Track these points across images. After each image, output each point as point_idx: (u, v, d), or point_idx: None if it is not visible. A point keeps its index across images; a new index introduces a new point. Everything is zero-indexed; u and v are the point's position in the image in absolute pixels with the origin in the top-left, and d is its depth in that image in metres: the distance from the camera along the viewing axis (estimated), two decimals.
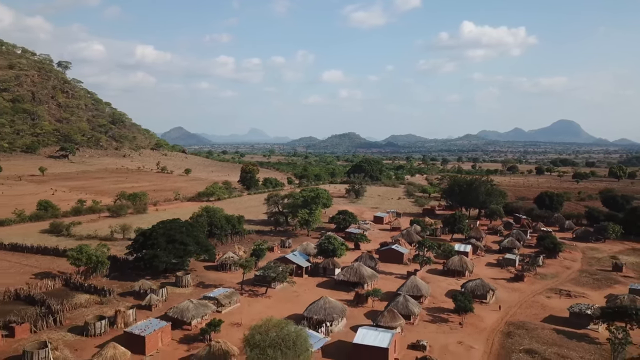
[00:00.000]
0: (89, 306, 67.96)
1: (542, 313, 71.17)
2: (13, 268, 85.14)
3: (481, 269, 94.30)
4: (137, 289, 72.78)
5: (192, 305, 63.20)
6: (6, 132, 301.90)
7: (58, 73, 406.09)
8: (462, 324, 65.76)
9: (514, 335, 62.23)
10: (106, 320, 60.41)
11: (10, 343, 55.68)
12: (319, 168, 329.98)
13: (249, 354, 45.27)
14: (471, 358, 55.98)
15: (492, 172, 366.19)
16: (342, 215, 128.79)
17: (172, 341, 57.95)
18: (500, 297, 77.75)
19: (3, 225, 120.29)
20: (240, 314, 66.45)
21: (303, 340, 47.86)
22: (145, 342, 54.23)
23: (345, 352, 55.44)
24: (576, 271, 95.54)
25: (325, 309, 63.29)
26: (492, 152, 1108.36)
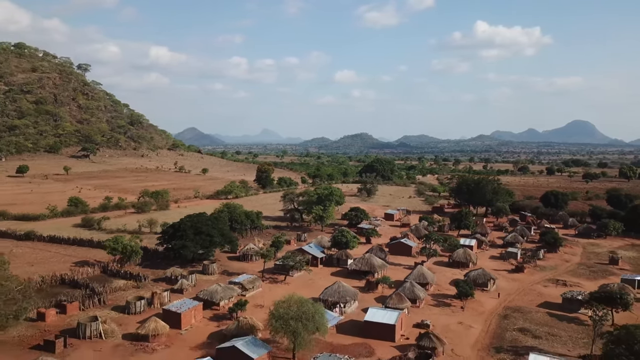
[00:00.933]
0: (126, 289, 75.78)
1: (538, 299, 77.55)
2: (54, 257, 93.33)
3: (485, 261, 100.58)
4: (168, 275, 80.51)
5: (220, 288, 70.70)
6: (30, 133, 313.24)
7: (78, 75, 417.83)
8: (463, 307, 72.42)
9: (510, 317, 68.80)
10: (145, 301, 68.14)
11: (64, 318, 63.58)
12: (332, 168, 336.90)
13: (274, 325, 52.49)
14: (470, 336, 62.67)
15: (502, 173, 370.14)
16: (354, 212, 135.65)
17: (204, 319, 65.51)
18: (500, 286, 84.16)
19: (38, 220, 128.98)
20: (262, 297, 73.75)
21: (320, 315, 55.05)
22: (181, 318, 61.78)
23: (357, 329, 62.46)
24: (575, 264, 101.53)
25: (339, 292, 70.41)
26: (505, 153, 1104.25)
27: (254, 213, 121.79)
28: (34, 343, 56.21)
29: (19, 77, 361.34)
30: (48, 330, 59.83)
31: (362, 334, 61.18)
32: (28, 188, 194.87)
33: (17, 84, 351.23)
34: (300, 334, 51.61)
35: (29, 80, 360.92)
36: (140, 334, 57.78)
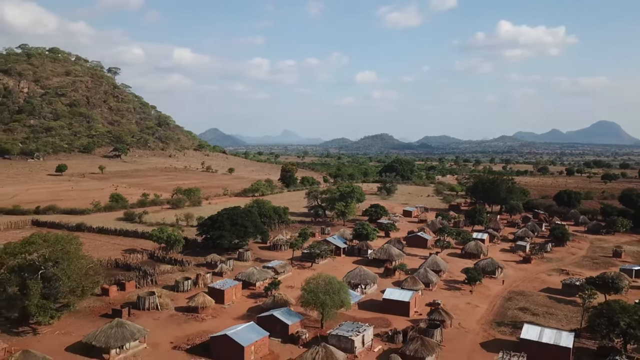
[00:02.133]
0: (173, 272, 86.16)
1: (541, 286, 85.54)
2: (104, 245, 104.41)
3: (495, 253, 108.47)
4: (208, 261, 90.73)
5: (256, 271, 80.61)
6: (65, 134, 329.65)
7: (108, 78, 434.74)
8: (472, 291, 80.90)
9: (513, 300, 77.11)
10: (191, 281, 78.33)
11: (123, 294, 74.11)
12: (352, 168, 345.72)
13: (306, 297, 61.89)
14: (476, 313, 71.27)
15: (522, 173, 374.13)
16: (374, 208, 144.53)
17: (242, 296, 75.40)
18: (508, 274, 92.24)
19: (84, 214, 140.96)
20: (292, 280, 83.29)
21: (345, 291, 64.31)
22: (224, 295, 71.71)
23: (376, 306, 71.61)
24: (580, 257, 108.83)
25: (361, 275, 79.64)
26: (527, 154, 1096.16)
27: (281, 208, 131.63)
28: (102, 312, 66.76)
29: (54, 81, 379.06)
30: (112, 303, 70.33)
31: (380, 310, 70.32)
32: (68, 185, 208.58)
33: (53, 87, 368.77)
34: (327, 305, 60.91)
35: (64, 83, 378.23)
36: (190, 306, 67.88)
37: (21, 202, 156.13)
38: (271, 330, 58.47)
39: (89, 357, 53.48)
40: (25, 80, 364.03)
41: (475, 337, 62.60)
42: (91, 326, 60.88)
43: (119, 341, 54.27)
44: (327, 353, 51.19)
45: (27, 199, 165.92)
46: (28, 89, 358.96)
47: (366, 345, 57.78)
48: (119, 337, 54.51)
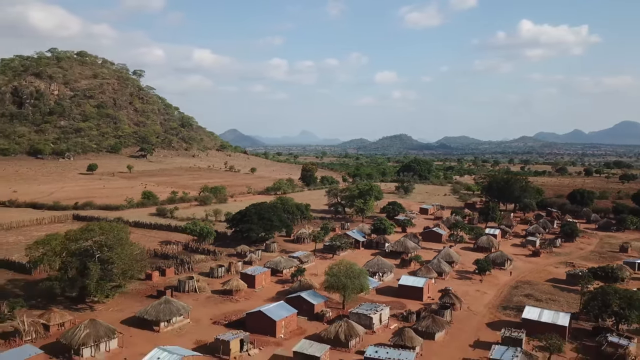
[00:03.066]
0: (206, 261, 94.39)
1: (547, 276, 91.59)
2: (142, 238, 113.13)
3: (507, 247, 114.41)
4: (238, 251, 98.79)
5: (283, 259, 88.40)
6: (93, 135, 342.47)
7: (134, 81, 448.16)
8: (481, 280, 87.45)
9: (520, 288, 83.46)
10: (224, 268, 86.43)
11: (164, 279, 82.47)
12: (370, 168, 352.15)
13: (329, 280, 69.27)
14: (484, 299, 77.90)
15: (540, 174, 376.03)
16: (392, 205, 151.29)
17: (271, 282, 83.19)
18: (516, 266, 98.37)
19: (118, 209, 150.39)
20: (316, 268, 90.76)
21: (364, 276, 71.65)
22: (255, 280, 79.54)
23: (393, 292, 78.72)
24: (588, 251, 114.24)
25: (379, 264, 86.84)
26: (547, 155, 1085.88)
27: (303, 205, 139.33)
28: (147, 294, 75.08)
29: (82, 83, 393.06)
30: (155, 286, 78.65)
31: (396, 295, 77.40)
32: (100, 184, 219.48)
33: (81, 90, 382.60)
34: (348, 288, 68.21)
35: (91, 86, 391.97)
36: (226, 289, 75.88)
37: (59, 198, 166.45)
38: (298, 310, 66.02)
39: (142, 329, 61.72)
40: (56, 82, 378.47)
41: (482, 318, 69.35)
42: (139, 305, 69.15)
43: (167, 315, 62.47)
44: (348, 327, 58.59)
45: (64, 196, 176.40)
46: (58, 92, 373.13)
47: (383, 323, 65.02)
48: (167, 312, 62.72)
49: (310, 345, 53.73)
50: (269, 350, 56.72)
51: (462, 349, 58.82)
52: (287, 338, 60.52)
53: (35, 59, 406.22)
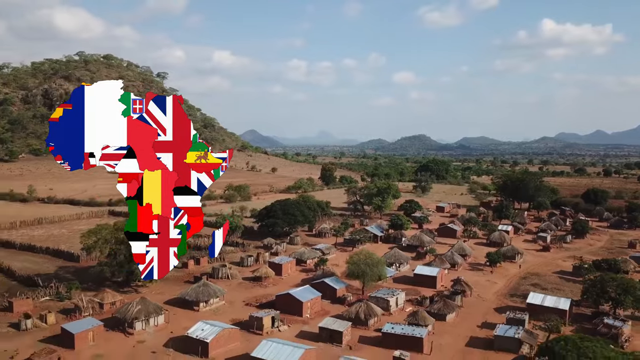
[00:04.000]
0: (236, 252, 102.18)
1: (555, 269, 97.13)
2: None
3: (518, 243, 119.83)
4: (265, 244, 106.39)
5: (306, 250, 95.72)
6: None
7: (158, 83, 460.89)
8: (492, 271, 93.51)
9: (527, 278, 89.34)
10: (252, 258, 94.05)
11: (199, 267, 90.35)
12: (389, 168, 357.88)
13: (350, 267, 76.21)
14: (493, 288, 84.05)
15: (558, 174, 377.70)
16: (409, 203, 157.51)
17: (296, 270, 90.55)
18: (527, 260, 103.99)
19: None
20: (337, 259, 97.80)
21: (382, 264, 78.50)
22: (282, 268, 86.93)
23: (408, 280, 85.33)
24: (597, 247, 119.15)
25: (396, 256, 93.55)
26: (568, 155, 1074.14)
27: (323, 202, 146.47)
28: (185, 280, 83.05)
29: None
30: (191, 273, 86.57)
31: (412, 283, 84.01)
32: None
33: None
34: (367, 275, 75.00)
35: None
36: (255, 276, 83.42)
37: (93, 195, 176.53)
38: (322, 294, 73.11)
39: (183, 309, 69.52)
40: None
41: (491, 304, 75.63)
42: (178, 289, 76.94)
43: (205, 297, 70.21)
44: (368, 307, 65.52)
45: (97, 193, 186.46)
46: None
47: (399, 306, 71.79)
48: (205, 294, 70.45)
49: (334, 322, 60.84)
50: (296, 327, 64.01)
51: (471, 328, 65.28)
52: (312, 318, 67.64)
53: (64, 62, 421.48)
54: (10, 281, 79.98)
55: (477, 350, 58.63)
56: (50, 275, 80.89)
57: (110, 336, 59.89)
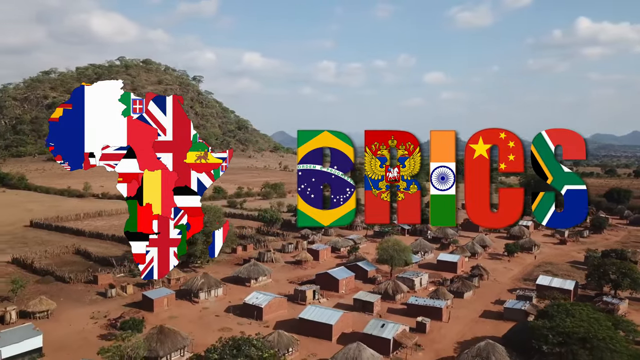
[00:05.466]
0: (277, 241, 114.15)
1: (568, 259, 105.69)
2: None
3: (537, 237, 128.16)
4: (302, 234, 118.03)
5: (340, 239, 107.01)
6: None
7: (194, 86, 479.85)
8: (509, 260, 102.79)
9: (541, 266, 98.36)
10: (292, 245, 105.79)
11: (246, 253, 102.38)
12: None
13: (380, 252, 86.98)
14: (509, 274, 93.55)
15: (587, 175, 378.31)
16: None
17: (331, 257, 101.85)
18: (543, 252, 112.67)
19: None
20: (367, 248, 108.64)
21: (408, 251, 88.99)
22: (319, 254, 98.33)
23: (432, 266, 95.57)
24: (613, 242, 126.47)
25: (421, 245, 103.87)
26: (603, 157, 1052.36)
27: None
28: (235, 262, 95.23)
29: (148, 89, 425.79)
30: (240, 257, 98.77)
31: (434, 268, 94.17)
32: None
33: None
34: (395, 259, 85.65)
35: (157, 91, 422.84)
36: (296, 260, 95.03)
37: None
38: (355, 274, 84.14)
39: (237, 284, 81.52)
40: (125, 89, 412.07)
41: (505, 286, 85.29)
42: (230, 270, 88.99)
43: (255, 274, 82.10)
44: (395, 284, 76.23)
45: None
46: None
47: (423, 285, 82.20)
48: (255, 272, 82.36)
49: (366, 295, 71.83)
50: (333, 300, 75.11)
51: (485, 304, 75.27)
52: (347, 293, 78.61)
53: (106, 67, 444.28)
54: (88, 262, 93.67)
55: (489, 320, 68.74)
56: (120, 258, 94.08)
57: (180, 303, 72.35)
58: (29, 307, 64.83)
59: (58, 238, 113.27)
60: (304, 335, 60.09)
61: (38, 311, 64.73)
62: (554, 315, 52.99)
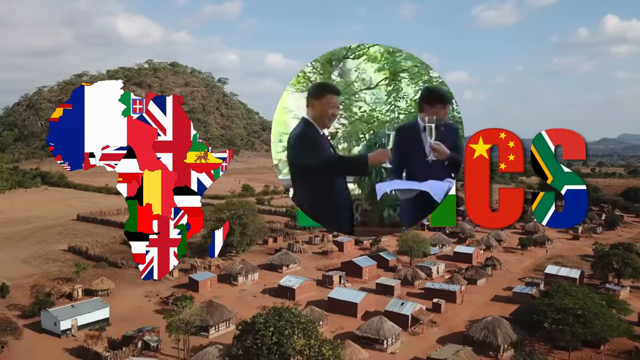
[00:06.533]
0: (303, 234, 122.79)
1: (579, 253, 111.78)
2: None
3: (551, 233, 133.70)
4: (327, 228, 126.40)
5: None
6: None
7: (219, 88, 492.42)
8: (522, 253, 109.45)
9: (553, 258, 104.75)
10: (319, 237, 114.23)
11: (276, 244, 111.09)
12: None
13: (400, 244, 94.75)
14: (521, 265, 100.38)
15: (610, 175, 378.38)
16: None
17: (355, 248, 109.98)
18: (556, 246, 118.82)
19: (224, 198, 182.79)
20: (388, 242, 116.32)
21: (427, 243, 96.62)
22: (343, 245, 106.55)
23: (448, 257, 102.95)
24: (624, 238, 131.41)
25: (439, 238, 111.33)
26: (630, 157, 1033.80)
27: None
28: (267, 252, 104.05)
29: (176, 91, 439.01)
30: (271, 248, 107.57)
31: (451, 259, 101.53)
32: None
33: None
34: (414, 250, 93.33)
35: (183, 93, 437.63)
36: (323, 250, 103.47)
37: None
38: (377, 263, 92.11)
39: (270, 271, 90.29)
40: (153, 91, 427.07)
41: (516, 275, 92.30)
42: (262, 259, 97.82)
43: (286, 262, 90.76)
44: (414, 272, 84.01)
45: None
46: None
47: (439, 273, 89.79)
48: (287, 260, 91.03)
49: (387, 280, 79.81)
50: (357, 285, 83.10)
51: (496, 290, 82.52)
52: (370, 280, 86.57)
53: (135, 70, 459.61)
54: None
55: (499, 304, 76.04)
56: None
57: (221, 285, 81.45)
58: (92, 286, 74.65)
59: (104, 230, 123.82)
60: (332, 313, 68.43)
61: (100, 289, 74.49)
62: (553, 295, 60.25)
